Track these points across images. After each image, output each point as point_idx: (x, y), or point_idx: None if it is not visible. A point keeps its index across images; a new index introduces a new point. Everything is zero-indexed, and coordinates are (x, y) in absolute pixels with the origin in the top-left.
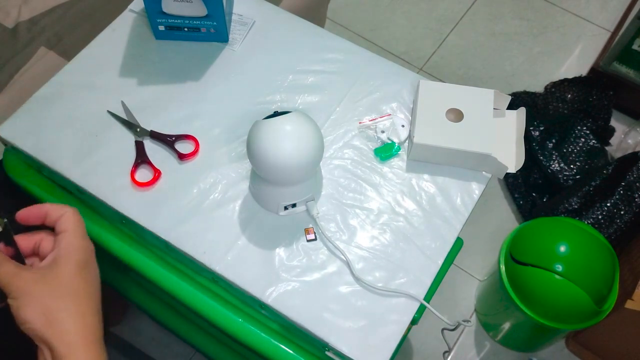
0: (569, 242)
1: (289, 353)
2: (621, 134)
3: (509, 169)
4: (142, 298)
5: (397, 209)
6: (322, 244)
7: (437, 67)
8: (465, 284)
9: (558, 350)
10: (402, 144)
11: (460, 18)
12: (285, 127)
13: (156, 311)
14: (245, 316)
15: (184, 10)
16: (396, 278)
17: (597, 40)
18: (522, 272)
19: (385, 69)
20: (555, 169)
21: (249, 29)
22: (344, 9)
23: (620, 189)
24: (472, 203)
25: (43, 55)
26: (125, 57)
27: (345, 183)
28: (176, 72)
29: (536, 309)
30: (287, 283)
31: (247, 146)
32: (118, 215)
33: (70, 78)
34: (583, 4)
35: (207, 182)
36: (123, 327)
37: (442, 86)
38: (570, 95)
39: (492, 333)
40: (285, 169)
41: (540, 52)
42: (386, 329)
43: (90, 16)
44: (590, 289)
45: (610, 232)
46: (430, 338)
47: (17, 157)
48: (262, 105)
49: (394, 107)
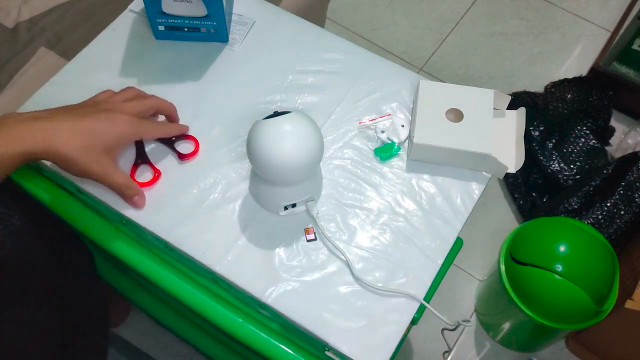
0: (569, 242)
1: (288, 353)
2: (621, 134)
3: (509, 169)
4: (143, 298)
5: (397, 209)
6: (322, 244)
7: (437, 67)
8: (465, 284)
9: (558, 350)
10: (402, 144)
11: (460, 18)
12: (285, 127)
13: (156, 311)
14: (245, 316)
15: (184, 10)
16: (396, 278)
17: (597, 40)
18: (522, 272)
19: (385, 69)
20: (555, 169)
21: (249, 29)
22: (344, 9)
23: (620, 189)
24: (472, 203)
25: (43, 55)
26: (125, 57)
27: (345, 183)
28: (176, 72)
29: (536, 309)
30: (287, 283)
31: (247, 146)
32: (118, 216)
33: (70, 78)
34: (583, 4)
35: (207, 182)
36: (123, 327)
37: (442, 86)
38: (570, 95)
39: (492, 333)
40: (285, 169)
41: (540, 52)
42: (386, 329)
43: (90, 16)
44: (590, 289)
45: (610, 232)
46: (430, 338)
47: None
48: (262, 105)
49: (394, 107)
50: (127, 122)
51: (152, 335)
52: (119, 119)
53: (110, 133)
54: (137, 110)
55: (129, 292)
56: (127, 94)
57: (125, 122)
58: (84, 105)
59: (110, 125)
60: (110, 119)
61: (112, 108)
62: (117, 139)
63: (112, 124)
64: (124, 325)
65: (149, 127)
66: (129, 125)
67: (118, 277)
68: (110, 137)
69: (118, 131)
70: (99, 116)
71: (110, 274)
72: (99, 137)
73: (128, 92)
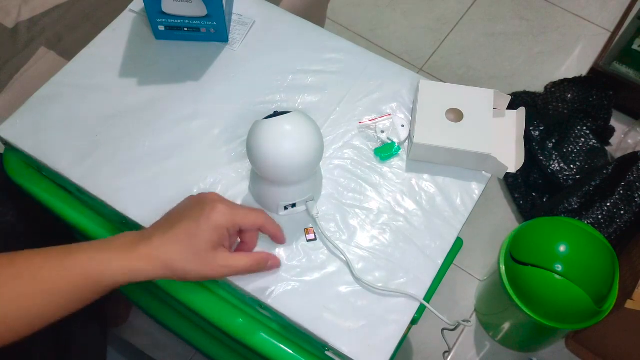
0: (569, 242)
1: (288, 353)
2: (621, 134)
3: (509, 169)
4: (143, 298)
5: (397, 209)
6: (322, 244)
7: (437, 67)
8: (465, 284)
9: (558, 350)
10: (402, 144)
11: (460, 18)
12: (285, 127)
13: (156, 311)
14: (245, 316)
15: (184, 10)
16: (396, 278)
17: (597, 40)
18: (522, 272)
19: (385, 69)
20: (555, 169)
21: (249, 29)
22: (344, 9)
23: (620, 189)
24: (472, 203)
25: (43, 55)
26: (125, 57)
27: (345, 183)
28: (176, 72)
29: (536, 309)
30: (287, 283)
31: (247, 146)
32: (118, 216)
33: (70, 78)
34: (583, 4)
35: (207, 182)
36: (124, 327)
37: (442, 86)
38: (570, 95)
39: (492, 333)
40: (285, 169)
41: (540, 52)
42: (386, 329)
43: (90, 16)
44: (590, 288)
45: (610, 232)
46: (430, 338)
47: (17, 157)
48: (262, 105)
49: (393, 107)
50: (220, 211)
51: (152, 335)
52: (211, 208)
53: (209, 227)
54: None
55: (129, 292)
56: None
57: (219, 211)
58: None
59: (205, 219)
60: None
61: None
62: (216, 230)
63: (207, 218)
64: (124, 325)
65: (245, 212)
66: (222, 214)
67: None
68: (208, 233)
69: (213, 222)
70: (192, 214)
71: None
72: (199, 237)
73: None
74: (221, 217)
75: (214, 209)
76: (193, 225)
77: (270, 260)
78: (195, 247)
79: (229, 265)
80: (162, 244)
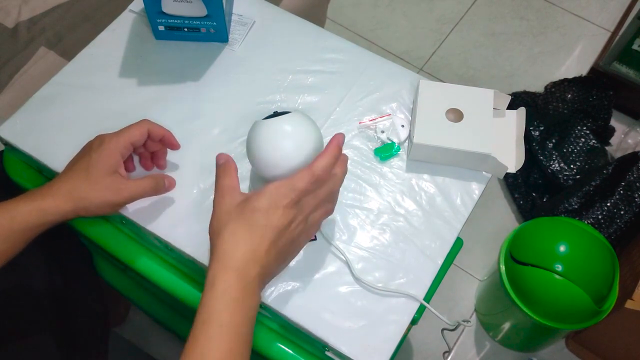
0: (569, 242)
1: (288, 353)
2: (621, 134)
3: (509, 169)
4: (143, 298)
5: (397, 209)
6: (322, 244)
7: (437, 67)
8: (465, 284)
9: (558, 350)
10: (402, 144)
11: (460, 18)
12: (285, 127)
13: (157, 311)
14: None
15: (183, 10)
16: (396, 278)
17: (597, 40)
18: (522, 272)
19: (385, 69)
20: (555, 169)
21: (249, 29)
22: (344, 9)
23: (620, 189)
24: (472, 203)
25: (43, 55)
26: (125, 57)
27: (345, 183)
28: (176, 72)
29: (536, 309)
30: (287, 283)
31: (247, 146)
32: (118, 216)
33: (70, 78)
34: (583, 4)
35: (207, 182)
36: (124, 327)
37: (442, 86)
38: (570, 95)
39: (492, 333)
40: (285, 169)
41: (540, 52)
42: (386, 329)
43: (90, 16)
44: (590, 288)
45: (610, 232)
46: (430, 338)
47: (16, 157)
48: (262, 105)
49: (393, 107)
50: (104, 139)
51: (152, 334)
52: (98, 140)
53: (99, 155)
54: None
55: (129, 292)
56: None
57: (103, 139)
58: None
59: (95, 150)
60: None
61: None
62: (108, 156)
63: (97, 149)
64: (124, 325)
65: (127, 128)
66: (107, 141)
67: (118, 277)
68: (101, 160)
69: (102, 150)
70: (83, 152)
71: (110, 274)
72: (93, 166)
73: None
74: (107, 144)
75: (99, 139)
76: (86, 158)
77: (166, 179)
78: (93, 175)
79: (128, 187)
80: (63, 181)
